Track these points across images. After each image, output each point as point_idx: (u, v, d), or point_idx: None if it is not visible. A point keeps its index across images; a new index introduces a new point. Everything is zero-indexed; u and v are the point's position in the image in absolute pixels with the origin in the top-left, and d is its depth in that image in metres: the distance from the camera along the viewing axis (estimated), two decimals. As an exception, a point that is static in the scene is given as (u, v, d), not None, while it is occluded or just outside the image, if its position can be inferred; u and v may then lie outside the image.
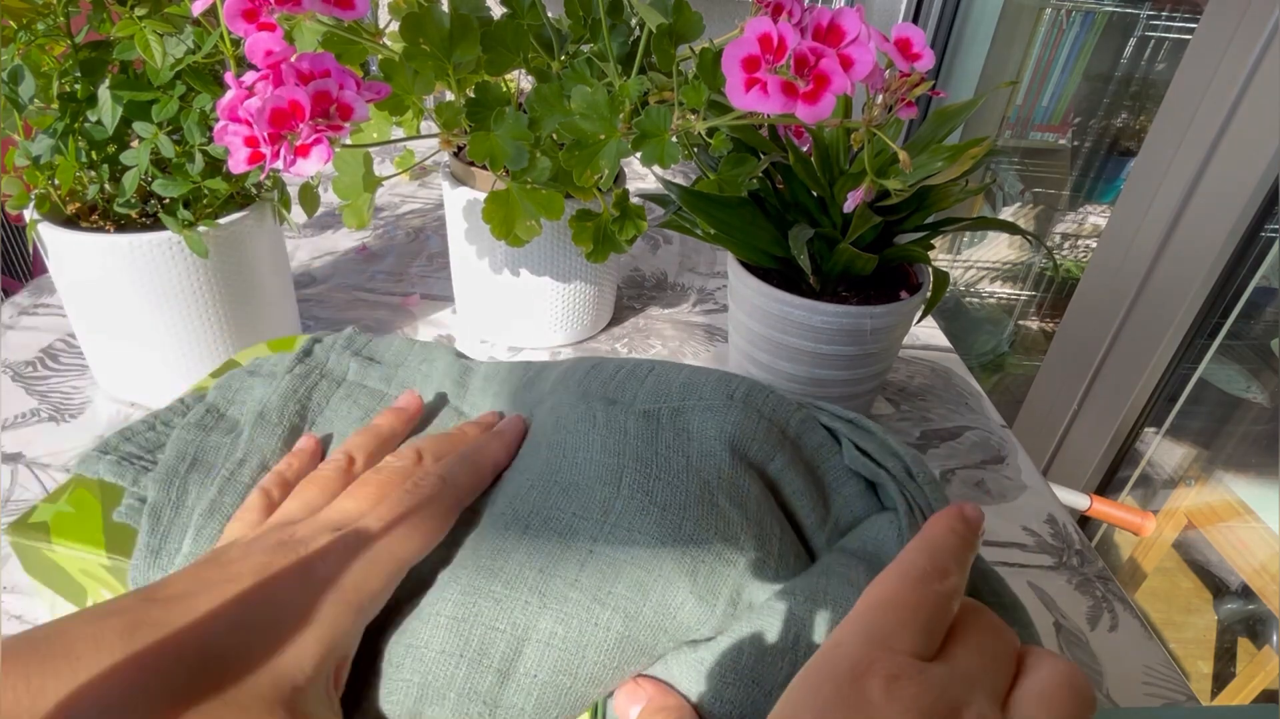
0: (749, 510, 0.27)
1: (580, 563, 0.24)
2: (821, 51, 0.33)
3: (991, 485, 0.53)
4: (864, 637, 0.20)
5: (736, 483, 0.28)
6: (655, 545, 0.25)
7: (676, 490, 0.27)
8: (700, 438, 0.29)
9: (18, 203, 0.46)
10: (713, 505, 0.27)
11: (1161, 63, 1.70)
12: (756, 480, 0.29)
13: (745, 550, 0.26)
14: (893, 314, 0.48)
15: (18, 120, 0.43)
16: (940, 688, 0.18)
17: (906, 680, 0.18)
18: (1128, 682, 0.40)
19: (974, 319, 1.96)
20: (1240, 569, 1.15)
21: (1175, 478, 1.26)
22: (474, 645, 0.23)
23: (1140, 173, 1.07)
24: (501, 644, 0.23)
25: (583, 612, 0.24)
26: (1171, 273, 1.03)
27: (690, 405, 0.30)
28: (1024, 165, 1.88)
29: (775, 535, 0.27)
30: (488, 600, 0.24)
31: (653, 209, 0.54)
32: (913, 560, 0.22)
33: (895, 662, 0.19)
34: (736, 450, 0.29)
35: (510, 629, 0.24)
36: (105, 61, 0.44)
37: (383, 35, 0.45)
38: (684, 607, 0.24)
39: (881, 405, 0.60)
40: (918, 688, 0.18)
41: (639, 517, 0.26)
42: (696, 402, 0.30)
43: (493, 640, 0.23)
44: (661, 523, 0.26)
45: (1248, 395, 1.20)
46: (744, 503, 0.27)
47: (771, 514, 0.28)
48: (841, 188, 0.46)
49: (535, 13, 0.46)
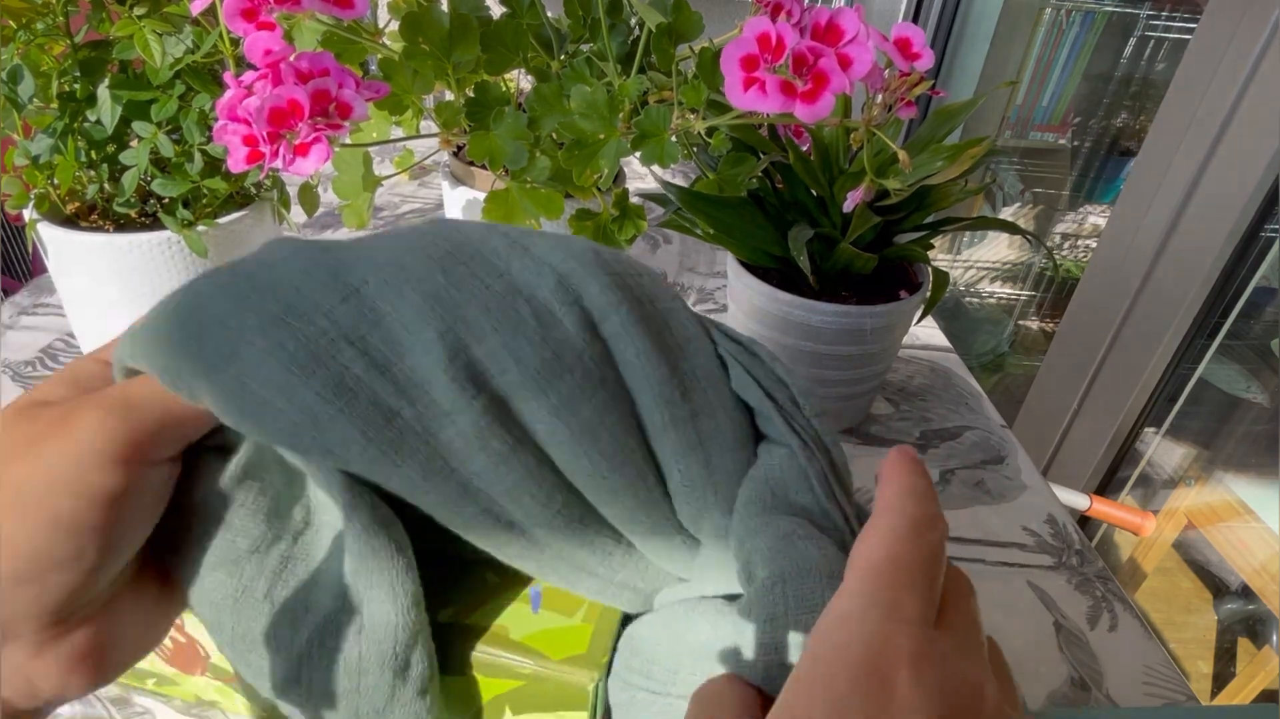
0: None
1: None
2: (820, 51, 0.33)
3: (991, 485, 0.53)
4: (872, 608, 0.18)
5: (550, 312, 0.23)
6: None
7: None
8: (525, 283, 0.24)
9: (17, 202, 0.46)
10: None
11: (1161, 63, 1.70)
12: (580, 321, 0.23)
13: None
14: (892, 314, 0.48)
15: (17, 120, 0.43)
16: (956, 664, 0.18)
17: (928, 664, 0.17)
18: (1128, 682, 0.40)
19: (974, 319, 1.96)
20: (1240, 569, 1.15)
21: (1175, 478, 1.26)
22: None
23: (1140, 173, 1.07)
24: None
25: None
26: (1171, 273, 1.03)
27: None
28: (1024, 165, 1.88)
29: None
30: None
31: (652, 209, 0.54)
32: (903, 510, 0.20)
33: (912, 638, 0.17)
34: (565, 284, 0.24)
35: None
36: (105, 61, 0.44)
37: (382, 35, 0.45)
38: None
39: (881, 405, 0.60)
40: (939, 671, 0.17)
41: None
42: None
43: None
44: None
45: (1248, 395, 1.20)
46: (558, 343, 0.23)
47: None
48: (841, 187, 0.46)
49: (535, 12, 0.46)
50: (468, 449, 0.22)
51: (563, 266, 0.24)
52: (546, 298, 0.23)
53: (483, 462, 0.22)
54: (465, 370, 0.21)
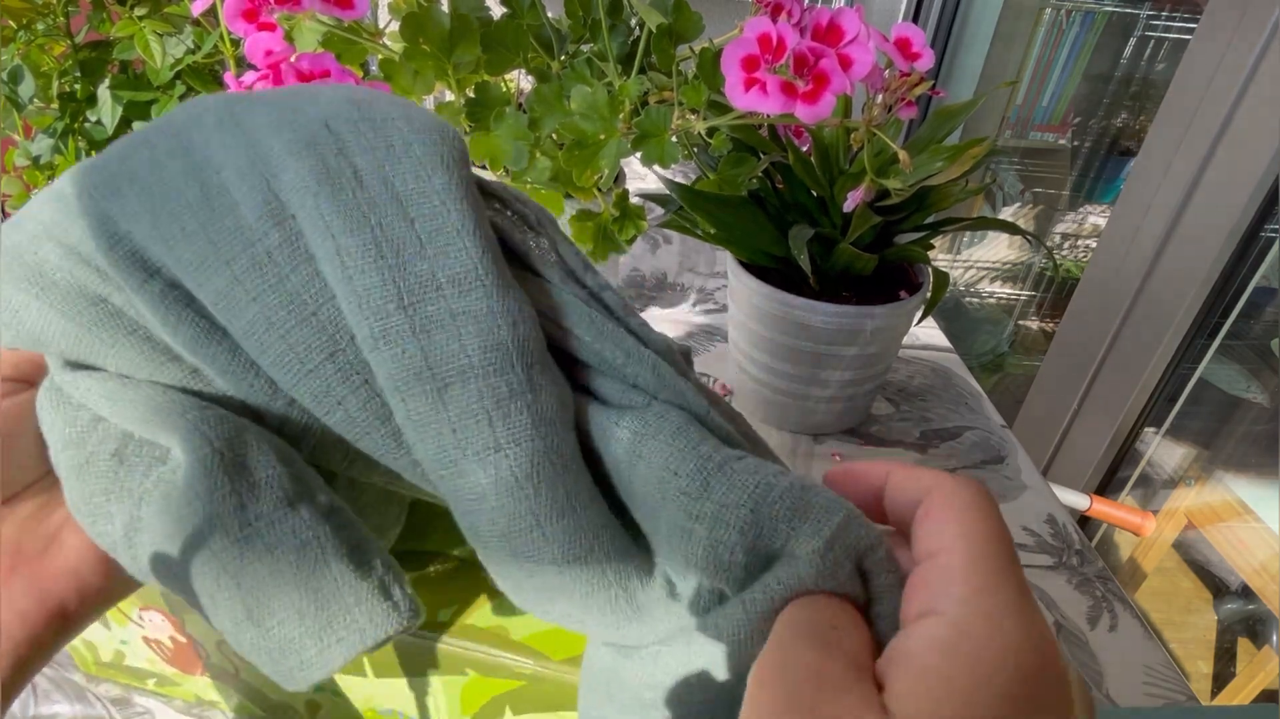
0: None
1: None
2: (821, 51, 0.33)
3: (991, 485, 0.53)
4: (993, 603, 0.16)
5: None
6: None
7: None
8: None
9: (18, 203, 0.46)
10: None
11: (1161, 63, 1.70)
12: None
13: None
14: (893, 314, 0.48)
15: (17, 120, 0.43)
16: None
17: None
18: (1128, 682, 0.40)
19: (974, 319, 1.96)
20: (1240, 569, 1.15)
21: (1175, 478, 1.26)
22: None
23: (1140, 173, 1.07)
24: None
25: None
26: (1171, 273, 1.03)
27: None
28: (1024, 165, 1.88)
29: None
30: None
31: (653, 209, 0.54)
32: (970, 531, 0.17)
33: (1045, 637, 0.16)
34: (256, 165, 0.21)
35: None
36: (105, 61, 0.44)
37: (383, 35, 0.45)
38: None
39: (881, 405, 0.60)
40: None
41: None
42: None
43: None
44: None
45: (1248, 395, 1.20)
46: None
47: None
48: (841, 188, 0.46)
49: (535, 13, 0.46)
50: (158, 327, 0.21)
51: (264, 144, 0.21)
52: (228, 178, 0.21)
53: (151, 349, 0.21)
54: (130, 257, 0.21)
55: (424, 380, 0.20)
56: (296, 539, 0.20)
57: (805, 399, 0.53)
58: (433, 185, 0.21)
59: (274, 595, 0.20)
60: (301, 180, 0.20)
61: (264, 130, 0.21)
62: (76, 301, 0.21)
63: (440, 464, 0.20)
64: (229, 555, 0.20)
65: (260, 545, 0.20)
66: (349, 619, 0.20)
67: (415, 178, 0.21)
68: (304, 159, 0.20)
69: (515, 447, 0.20)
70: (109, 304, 0.21)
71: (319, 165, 0.20)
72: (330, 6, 0.37)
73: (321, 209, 0.20)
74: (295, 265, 0.20)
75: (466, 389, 0.20)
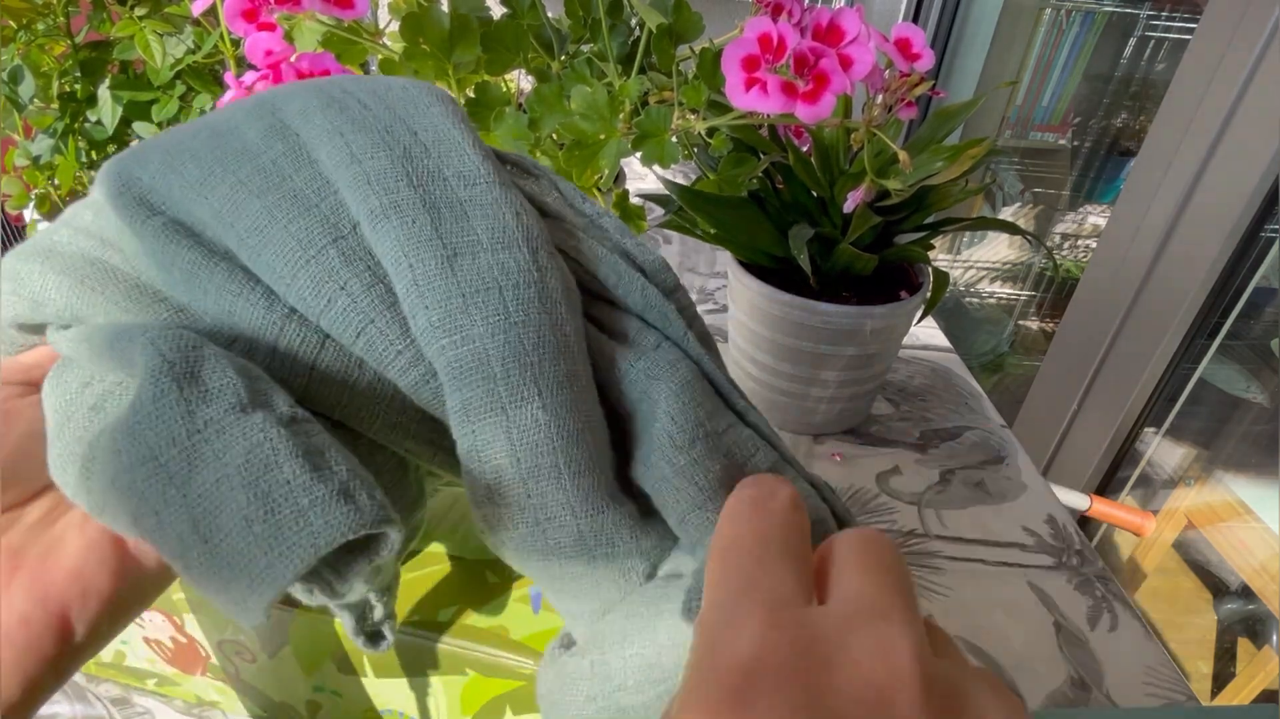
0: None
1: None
2: (821, 51, 0.33)
3: (991, 485, 0.53)
4: (722, 592, 0.17)
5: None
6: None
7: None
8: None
9: (18, 203, 0.46)
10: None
11: (1161, 63, 1.70)
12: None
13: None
14: (893, 314, 0.48)
15: (17, 120, 0.43)
16: (841, 638, 0.16)
17: (787, 645, 0.16)
18: (1128, 682, 0.40)
19: (974, 319, 1.96)
20: (1240, 569, 1.15)
21: (1175, 478, 1.26)
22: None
23: (1140, 173, 1.07)
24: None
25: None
26: (1171, 273, 1.03)
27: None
28: (1024, 165, 1.88)
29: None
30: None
31: (653, 209, 0.54)
32: (739, 494, 0.20)
33: (768, 623, 0.16)
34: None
35: None
36: (105, 61, 0.44)
37: (383, 35, 0.45)
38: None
39: (881, 405, 0.60)
40: (809, 654, 0.15)
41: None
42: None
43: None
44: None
45: (1248, 395, 1.20)
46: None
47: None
48: (841, 188, 0.46)
49: (535, 13, 0.46)
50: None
51: (270, 95, 0.23)
52: (239, 121, 0.23)
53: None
54: (137, 200, 0.22)
55: (434, 247, 0.20)
56: (246, 442, 0.18)
57: (805, 399, 0.53)
58: (431, 112, 0.23)
59: (221, 504, 0.18)
60: (307, 105, 0.22)
61: (271, 92, 0.24)
62: (75, 261, 0.22)
63: (445, 330, 0.20)
64: (176, 464, 0.18)
65: (208, 451, 0.18)
66: (301, 523, 0.18)
67: (414, 106, 0.23)
68: (309, 95, 0.22)
69: (524, 317, 0.20)
70: (105, 263, 0.22)
71: (323, 96, 0.22)
72: (330, 6, 0.37)
73: (329, 119, 0.22)
74: (299, 168, 0.21)
75: (476, 260, 0.21)
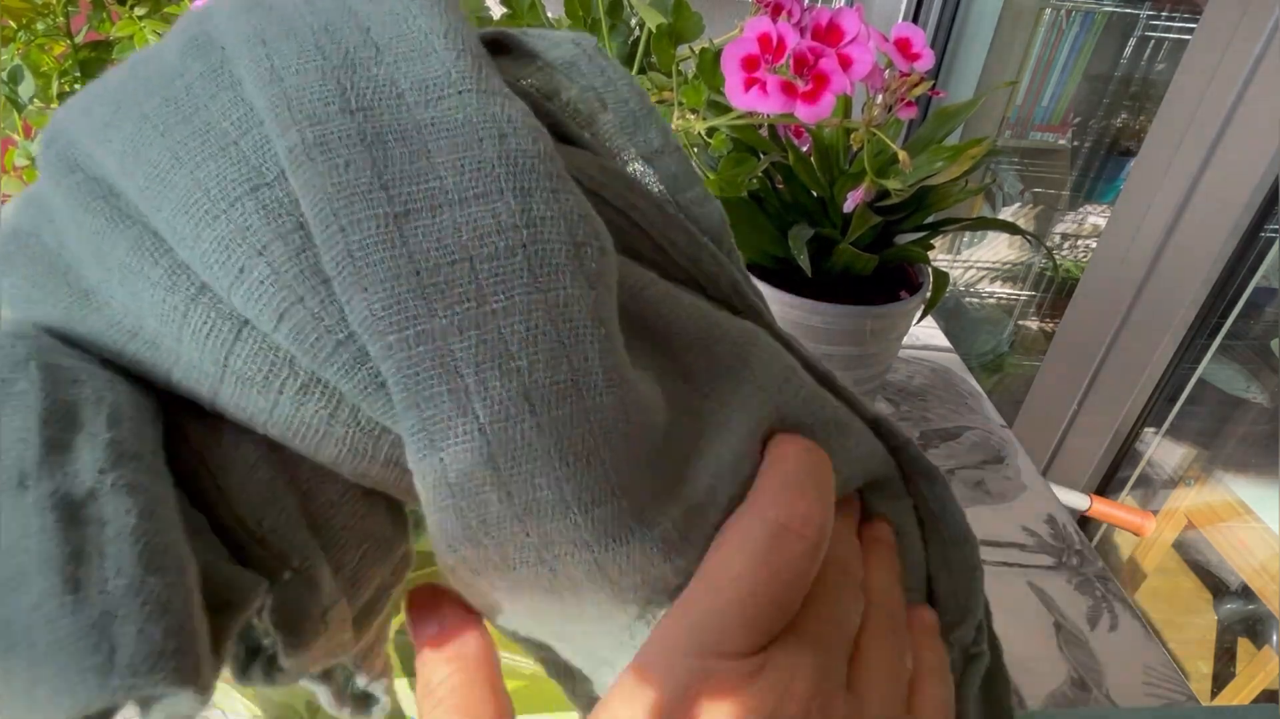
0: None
1: None
2: (821, 51, 0.33)
3: (991, 485, 0.53)
4: (690, 640, 0.15)
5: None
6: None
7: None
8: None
9: (17, 203, 0.46)
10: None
11: (1161, 63, 1.70)
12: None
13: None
14: (893, 314, 0.48)
15: (17, 120, 0.43)
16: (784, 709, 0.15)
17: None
18: (1128, 682, 0.40)
19: (974, 319, 1.96)
20: (1240, 569, 1.15)
21: (1175, 478, 1.26)
22: None
23: (1140, 173, 1.07)
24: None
25: None
26: (1171, 273, 1.03)
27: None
28: (1024, 165, 1.88)
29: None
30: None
31: (652, 209, 0.54)
32: (764, 512, 0.17)
33: (726, 682, 0.15)
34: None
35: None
36: (105, 61, 0.44)
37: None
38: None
39: (881, 405, 0.60)
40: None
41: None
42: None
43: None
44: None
45: (1248, 395, 1.21)
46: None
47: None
48: (841, 188, 0.46)
49: (535, 13, 0.46)
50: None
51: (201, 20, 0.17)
52: (164, 48, 0.17)
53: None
54: (59, 157, 0.17)
55: (374, 202, 0.14)
56: (6, 537, 0.13)
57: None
58: (395, 2, 0.16)
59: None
60: (236, 6, 0.16)
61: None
62: (4, 236, 0.17)
63: (392, 323, 0.14)
64: None
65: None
66: (33, 674, 0.12)
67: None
68: (238, 3, 0.17)
69: (506, 300, 0.14)
70: (34, 236, 0.17)
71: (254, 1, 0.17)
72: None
73: (253, 20, 0.16)
74: (215, 93, 0.16)
75: (437, 219, 0.14)
